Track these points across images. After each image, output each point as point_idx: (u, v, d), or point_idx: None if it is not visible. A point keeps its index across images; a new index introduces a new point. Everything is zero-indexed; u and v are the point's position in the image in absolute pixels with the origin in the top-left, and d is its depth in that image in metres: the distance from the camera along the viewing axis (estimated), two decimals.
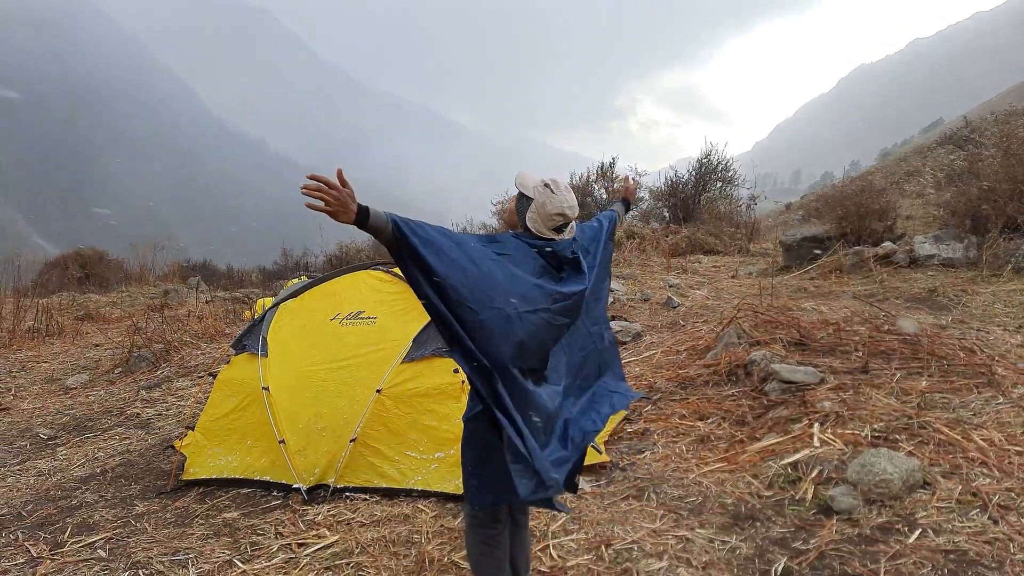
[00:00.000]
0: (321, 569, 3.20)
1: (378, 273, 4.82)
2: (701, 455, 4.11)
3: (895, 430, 3.82)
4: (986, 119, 18.99)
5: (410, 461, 3.98)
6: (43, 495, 4.54)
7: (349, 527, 3.60)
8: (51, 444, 5.80)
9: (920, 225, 10.49)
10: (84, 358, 9.36)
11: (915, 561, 2.77)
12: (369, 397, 4.08)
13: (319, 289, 4.94)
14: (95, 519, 4.01)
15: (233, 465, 4.35)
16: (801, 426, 4.06)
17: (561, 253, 2.41)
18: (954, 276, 7.40)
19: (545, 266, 2.38)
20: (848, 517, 3.16)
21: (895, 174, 18.13)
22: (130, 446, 5.49)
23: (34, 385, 8.17)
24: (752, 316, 5.80)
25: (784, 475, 3.64)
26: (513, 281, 2.24)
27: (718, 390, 4.95)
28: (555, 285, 2.36)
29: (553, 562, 3.07)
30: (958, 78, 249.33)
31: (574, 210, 2.44)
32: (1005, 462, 3.41)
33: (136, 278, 17.59)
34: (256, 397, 4.39)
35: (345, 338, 4.48)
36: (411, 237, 2.10)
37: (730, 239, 12.61)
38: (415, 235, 2.11)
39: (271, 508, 3.97)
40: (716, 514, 3.39)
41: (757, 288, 7.75)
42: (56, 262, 18.93)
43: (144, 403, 6.68)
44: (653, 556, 3.04)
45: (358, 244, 19.12)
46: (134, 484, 4.60)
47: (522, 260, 2.32)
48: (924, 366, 4.63)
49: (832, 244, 9.09)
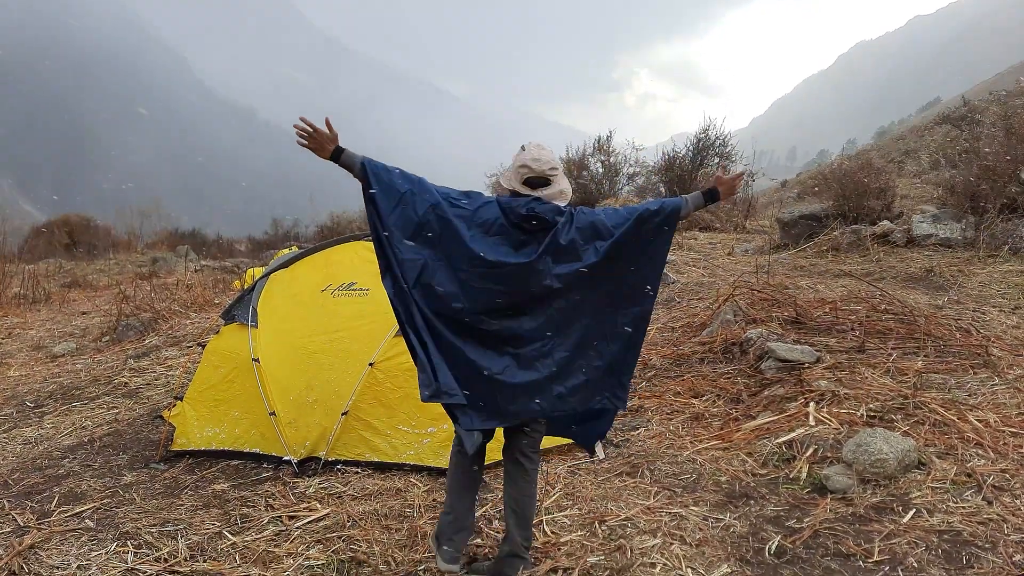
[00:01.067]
0: (312, 542, 3.17)
1: (371, 244, 4.73)
2: (695, 432, 4.09)
3: (891, 410, 3.81)
4: (985, 99, 18.89)
5: (402, 435, 3.94)
6: (30, 464, 4.48)
7: (340, 500, 3.57)
8: (37, 412, 5.74)
9: (916, 204, 10.44)
10: (71, 326, 9.26)
11: (909, 541, 2.76)
12: (361, 370, 4.02)
13: (311, 260, 4.84)
14: (82, 488, 3.96)
15: (222, 436, 4.30)
16: (796, 405, 4.04)
17: (518, 209, 2.50)
18: (951, 256, 7.37)
19: (504, 226, 2.50)
20: (842, 496, 3.16)
21: (891, 153, 18.06)
22: (118, 415, 5.43)
23: (20, 352, 8.08)
24: (748, 294, 5.77)
25: (779, 454, 3.63)
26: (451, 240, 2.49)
27: (713, 368, 4.93)
28: (497, 251, 2.48)
29: (547, 538, 3.05)
30: (958, 57, 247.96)
31: (538, 163, 2.54)
32: (1000, 443, 3.41)
33: (124, 246, 17.40)
34: (246, 368, 4.32)
35: (337, 310, 4.40)
36: (372, 181, 2.50)
37: (726, 216, 12.54)
38: (378, 181, 2.50)
39: (261, 480, 3.93)
40: (710, 492, 3.38)
41: (753, 266, 7.71)
42: (43, 228, 18.69)
43: (132, 372, 6.60)
44: (647, 533, 3.03)
45: (349, 215, 18.93)
46: (122, 454, 4.55)
47: (480, 219, 2.52)
48: (920, 346, 4.62)
49: (829, 222, 9.04)
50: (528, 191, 2.55)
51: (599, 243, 2.54)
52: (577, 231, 2.54)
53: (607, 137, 15.64)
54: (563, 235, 2.52)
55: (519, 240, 2.51)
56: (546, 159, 2.56)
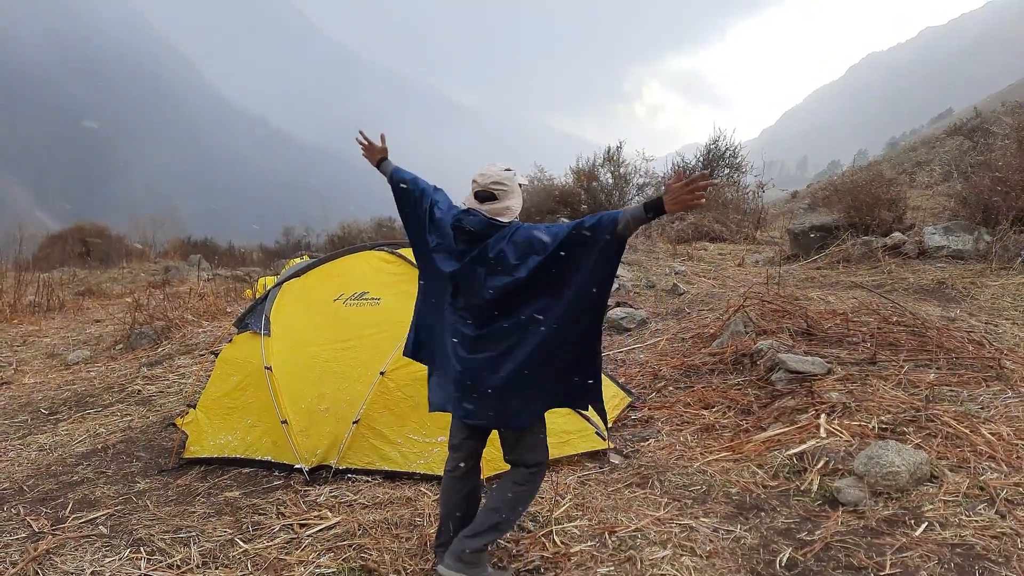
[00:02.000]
0: (323, 550, 3.18)
1: (382, 253, 4.77)
2: (706, 444, 4.08)
3: (903, 422, 3.79)
4: (997, 110, 18.79)
5: (412, 444, 3.96)
6: (44, 470, 4.53)
7: (351, 508, 3.59)
8: (52, 419, 5.80)
9: (928, 216, 10.40)
10: (85, 334, 9.36)
11: (921, 554, 2.75)
12: (372, 379, 4.05)
13: (323, 269, 4.89)
14: (96, 495, 4.00)
15: (234, 444, 4.33)
16: (807, 416, 4.03)
17: (455, 222, 2.72)
18: (963, 268, 7.33)
19: (450, 237, 2.75)
20: (854, 509, 3.14)
21: (903, 164, 17.99)
22: (131, 423, 5.48)
23: (35, 360, 8.17)
24: (759, 305, 5.76)
25: (790, 466, 3.62)
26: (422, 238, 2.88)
27: (723, 379, 4.92)
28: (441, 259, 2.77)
29: (556, 548, 3.06)
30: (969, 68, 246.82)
31: (484, 177, 2.70)
32: (1013, 457, 3.38)
33: (137, 254, 17.57)
34: (258, 376, 4.36)
35: (349, 319, 4.43)
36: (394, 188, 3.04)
37: (737, 227, 12.52)
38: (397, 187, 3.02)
39: (273, 488, 3.96)
40: (721, 503, 3.37)
41: (764, 277, 7.70)
42: (57, 237, 18.92)
43: (145, 380, 6.66)
44: (657, 544, 3.02)
45: (360, 224, 19.06)
46: (135, 461, 4.59)
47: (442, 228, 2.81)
48: (932, 358, 4.60)
49: (840, 234, 9.01)
50: (477, 205, 2.69)
51: (533, 258, 2.55)
52: (512, 245, 2.59)
53: (617, 148, 15.71)
54: (492, 248, 2.61)
55: (458, 251, 2.70)
56: (491, 175, 2.69)
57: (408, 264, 4.57)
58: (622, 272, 8.86)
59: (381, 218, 19.67)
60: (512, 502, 2.77)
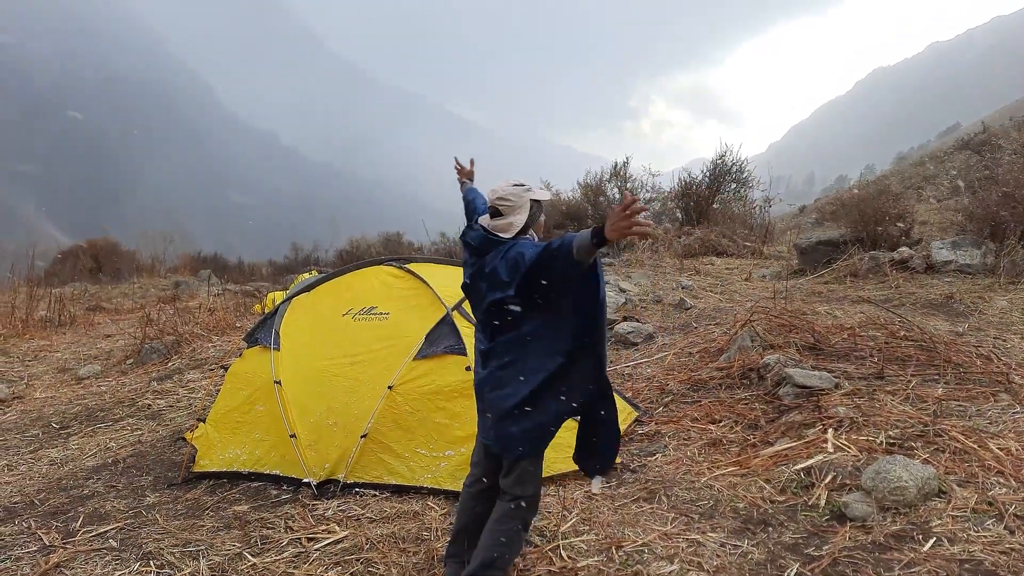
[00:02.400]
0: (331, 564, 3.20)
1: (391, 269, 4.82)
2: (713, 458, 4.08)
3: (910, 437, 3.78)
4: (1005, 125, 18.78)
5: (420, 459, 3.98)
6: (55, 484, 4.57)
7: (359, 523, 3.61)
8: (63, 433, 5.85)
9: (936, 231, 10.38)
10: (96, 348, 9.44)
11: (929, 570, 2.73)
12: (380, 393, 4.08)
13: (332, 284, 4.94)
14: (106, 509, 4.04)
15: (243, 458, 4.36)
16: (815, 431, 4.02)
17: (461, 237, 2.87)
18: (971, 283, 7.31)
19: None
20: (862, 524, 3.13)
21: (911, 178, 17.97)
22: (141, 437, 5.52)
23: (47, 374, 8.24)
24: (766, 319, 5.76)
25: (797, 480, 3.61)
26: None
27: (731, 393, 4.92)
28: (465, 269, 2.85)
29: (563, 563, 3.06)
30: (977, 83, 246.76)
31: (493, 193, 2.76)
32: (1021, 471, 3.36)
33: (147, 270, 17.72)
34: (268, 391, 4.40)
35: (357, 333, 4.47)
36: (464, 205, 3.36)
37: (743, 241, 12.52)
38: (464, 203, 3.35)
39: (281, 502, 3.98)
40: (728, 518, 3.37)
41: (771, 291, 7.70)
42: (68, 252, 19.10)
43: (155, 394, 6.71)
44: (664, 559, 3.02)
45: (368, 239, 19.18)
46: (145, 475, 4.63)
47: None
48: (940, 373, 4.58)
49: (847, 248, 9.01)
50: (487, 220, 2.78)
51: (518, 275, 2.56)
52: (504, 261, 2.62)
53: (624, 163, 15.76)
54: (489, 264, 2.67)
55: (471, 264, 2.80)
56: (499, 190, 2.75)
57: (416, 279, 4.62)
58: (628, 286, 8.87)
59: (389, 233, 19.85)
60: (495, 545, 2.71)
